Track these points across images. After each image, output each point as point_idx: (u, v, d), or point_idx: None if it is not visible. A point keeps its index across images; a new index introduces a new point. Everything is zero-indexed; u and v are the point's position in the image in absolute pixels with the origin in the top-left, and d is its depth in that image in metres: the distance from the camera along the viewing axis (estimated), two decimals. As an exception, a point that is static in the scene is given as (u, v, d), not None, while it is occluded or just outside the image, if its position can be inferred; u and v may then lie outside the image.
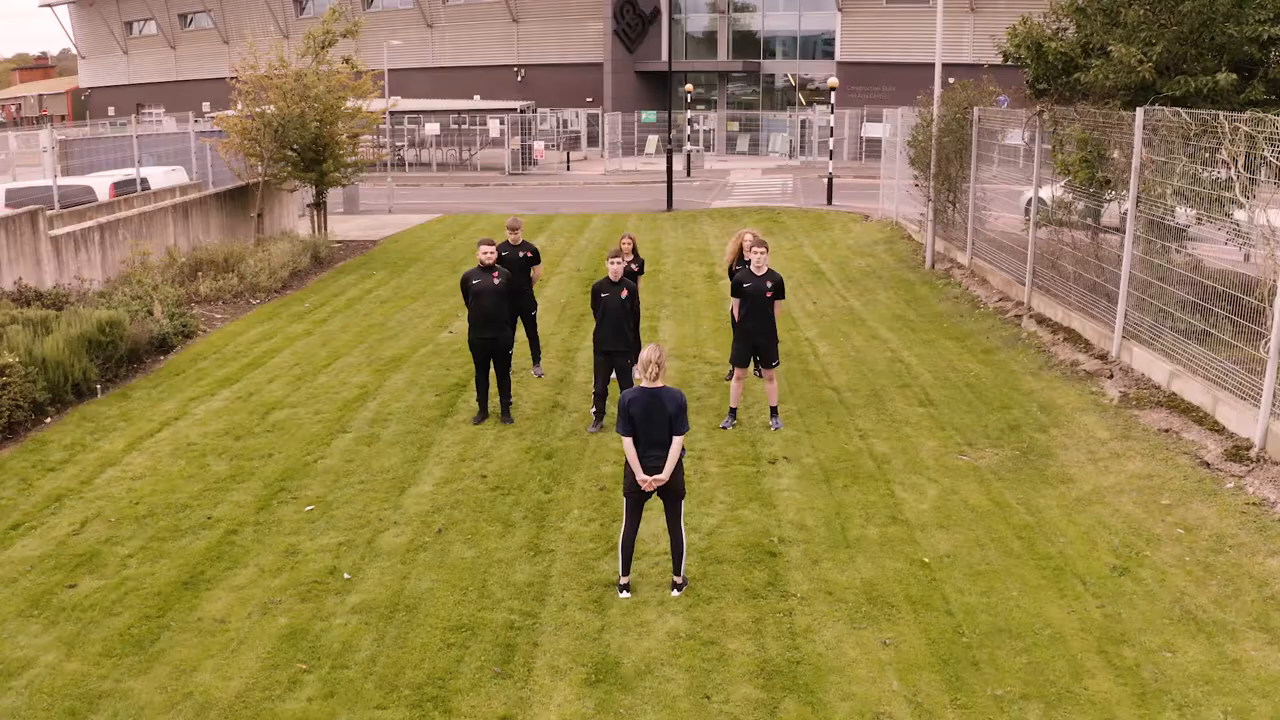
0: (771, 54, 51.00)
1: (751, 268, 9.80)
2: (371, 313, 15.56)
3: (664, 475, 6.49)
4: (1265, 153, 8.49)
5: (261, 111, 19.09)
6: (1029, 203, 14.12)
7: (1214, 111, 9.36)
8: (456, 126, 46.93)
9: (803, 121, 47.30)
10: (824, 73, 48.85)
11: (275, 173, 20.41)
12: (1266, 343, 8.39)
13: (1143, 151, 10.58)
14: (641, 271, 11.50)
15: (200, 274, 17.19)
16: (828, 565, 7.03)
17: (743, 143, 51.56)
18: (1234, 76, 10.97)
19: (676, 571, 6.74)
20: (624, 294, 9.71)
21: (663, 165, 32.67)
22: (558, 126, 50.74)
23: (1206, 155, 9.54)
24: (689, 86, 45.10)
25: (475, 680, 5.76)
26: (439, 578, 6.91)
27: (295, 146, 19.77)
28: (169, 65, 75.61)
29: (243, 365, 12.56)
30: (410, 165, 45.43)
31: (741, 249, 11.03)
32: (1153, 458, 8.84)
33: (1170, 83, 11.33)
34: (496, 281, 9.85)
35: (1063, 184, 12.90)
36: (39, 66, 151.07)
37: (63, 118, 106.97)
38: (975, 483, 8.43)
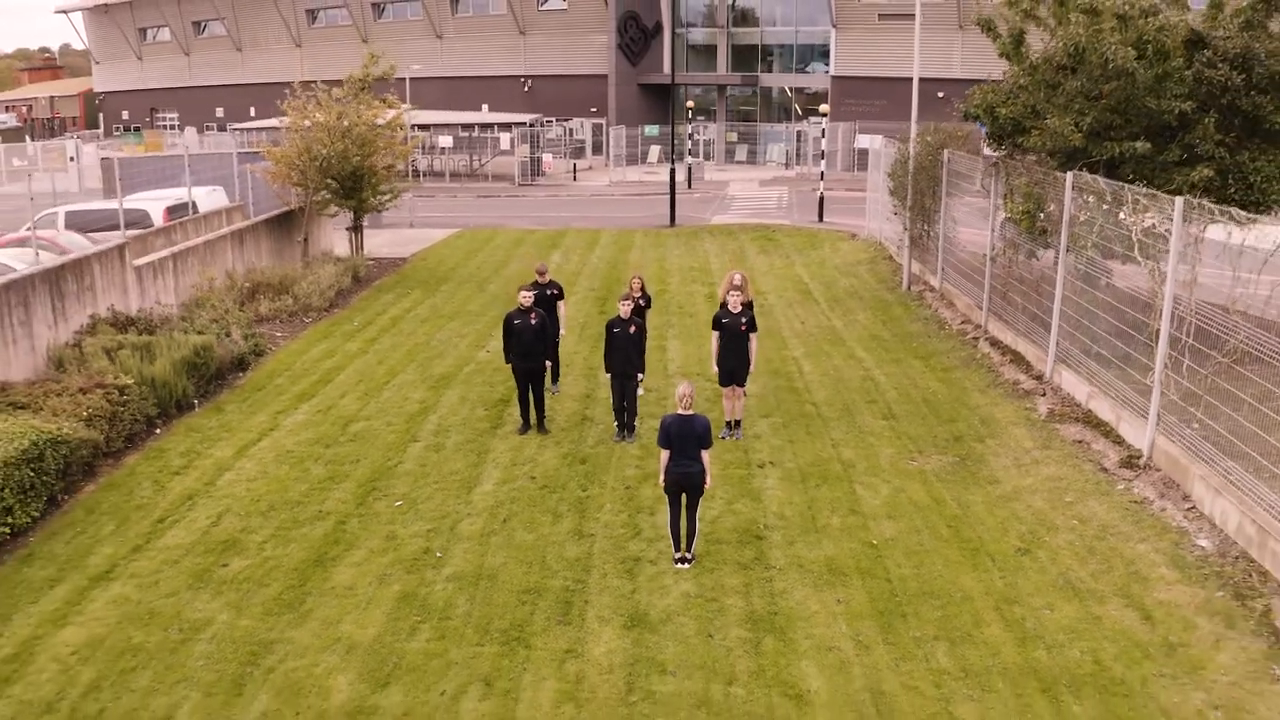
0: (769, 67, 53.13)
1: (729, 307, 11.87)
2: (415, 332, 17.77)
3: (710, 483, 8.97)
4: (1155, 221, 10.69)
5: (308, 147, 21.18)
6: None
7: (1122, 184, 11.57)
8: (467, 135, 49.13)
9: (799, 132, 49.49)
10: (819, 85, 51.09)
11: (318, 200, 22.59)
12: (1152, 374, 10.61)
13: (1071, 208, 12.79)
14: (649, 306, 13.71)
15: (259, 295, 19.41)
16: (800, 546, 9.28)
17: (741, 152, 53.79)
18: (1149, 145, 13.17)
19: (689, 549, 8.98)
20: (632, 329, 11.89)
21: (664, 175, 34.81)
22: (565, 135, 52.85)
23: (1117, 216, 11.75)
24: (690, 103, 47.30)
25: (544, 626, 8.01)
26: (509, 555, 9.16)
27: (336, 177, 21.93)
28: (182, 71, 77.25)
29: (314, 382, 14.79)
30: (424, 175, 47.54)
31: (731, 284, 13.08)
32: (1064, 464, 11.08)
33: (1099, 147, 13.54)
34: (534, 322, 12.02)
35: (1001, 224, 15.12)
36: (47, 67, 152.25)
37: (74, 120, 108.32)
38: (920, 483, 10.67)
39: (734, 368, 11.90)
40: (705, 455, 8.88)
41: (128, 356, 13.65)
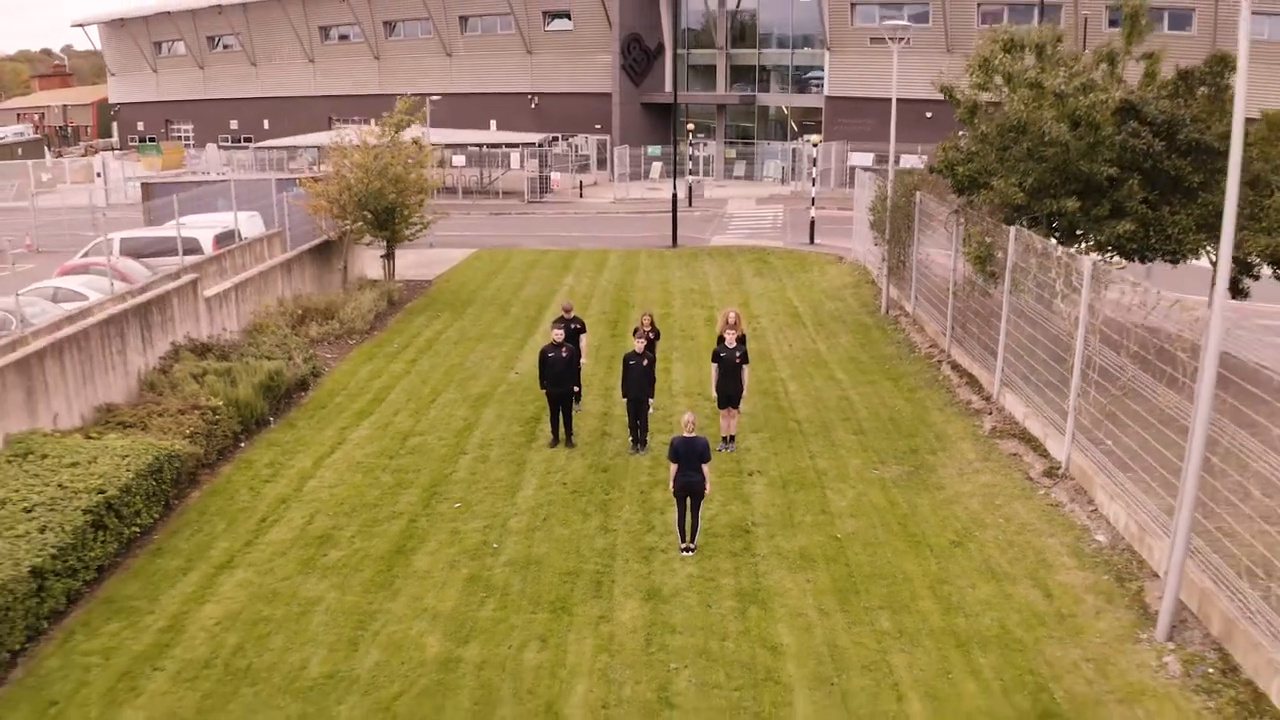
0: (766, 87, 55.54)
1: (726, 342, 14.24)
2: (450, 354, 20.18)
3: (709, 489, 11.32)
4: (1073, 278, 13.10)
5: (349, 186, 23.56)
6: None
7: (1052, 243, 13.98)
8: (477, 149, 51.56)
9: (794, 150, 51.91)
10: (814, 104, 53.47)
11: (355, 231, 24.98)
12: (1066, 397, 13.02)
13: (1014, 256, 15.20)
14: (658, 337, 16.10)
15: (308, 320, 21.80)
16: (779, 538, 11.69)
17: (739, 168, 56.22)
18: (1079, 203, 15.60)
19: (692, 540, 11.40)
20: (645, 362, 14.30)
21: (666, 192, 37.16)
22: (571, 152, 55.24)
23: (1046, 267, 14.16)
24: (691, 125, 49.72)
25: (582, 599, 10.42)
26: (550, 546, 11.58)
27: (373, 211, 24.32)
28: (197, 84, 79.27)
29: (369, 400, 17.20)
30: (438, 191, 49.89)
31: (726, 322, 15.30)
32: (999, 473, 13.50)
33: (1040, 204, 15.96)
34: (564, 354, 14.41)
35: (961, 263, 17.53)
36: (57, 74, 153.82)
37: (87, 129, 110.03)
38: (879, 489, 13.09)
39: (730, 393, 14.31)
40: (705, 467, 11.29)
41: (214, 381, 16.08)
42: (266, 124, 74.89)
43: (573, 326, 15.85)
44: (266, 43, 72.89)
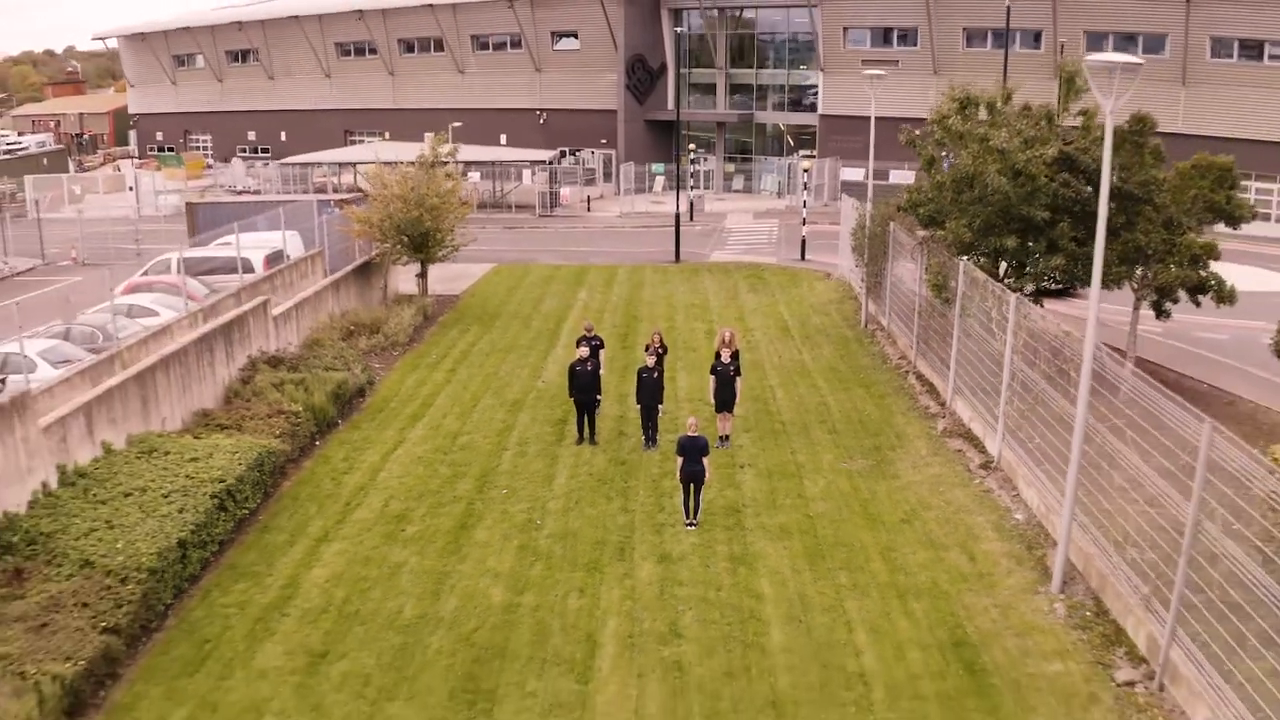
0: (764, 105, 58.50)
1: (722, 358, 17.24)
2: (483, 364, 23.18)
3: (709, 478, 14.28)
4: (995, 310, 16.08)
5: (390, 215, 26.54)
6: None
7: (988, 277, 16.98)
8: (492, 166, 54.55)
9: (789, 165, 54.89)
10: (809, 122, 56.40)
11: (394, 253, 27.98)
12: (998, 404, 16.02)
13: (962, 286, 18.19)
14: (666, 352, 19.09)
15: (355, 334, 24.80)
16: (763, 517, 14.71)
17: (738, 181, 59.24)
18: (1019, 240, 18.60)
19: (694, 518, 14.41)
20: (656, 375, 17.30)
21: (669, 205, 40.09)
22: (579, 165, 58.22)
23: (985, 297, 17.16)
24: (692, 146, 52.70)
25: (609, 562, 13.44)
26: (582, 522, 14.60)
27: (410, 236, 27.31)
28: (215, 96, 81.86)
29: (419, 405, 20.22)
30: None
31: (722, 341, 18.19)
32: (945, 466, 16.52)
33: (986, 241, 18.97)
34: (589, 368, 17.42)
35: (924, 288, 20.53)
36: (70, 81, 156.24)
37: (104, 137, 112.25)
38: (846, 479, 16.10)
39: (726, 400, 17.32)
40: (705, 460, 14.29)
41: (292, 390, 19.11)
42: (283, 136, 77.69)
43: (594, 344, 18.84)
44: (284, 58, 75.48)
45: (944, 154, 20.27)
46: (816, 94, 55.47)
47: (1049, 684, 10.92)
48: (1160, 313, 20.21)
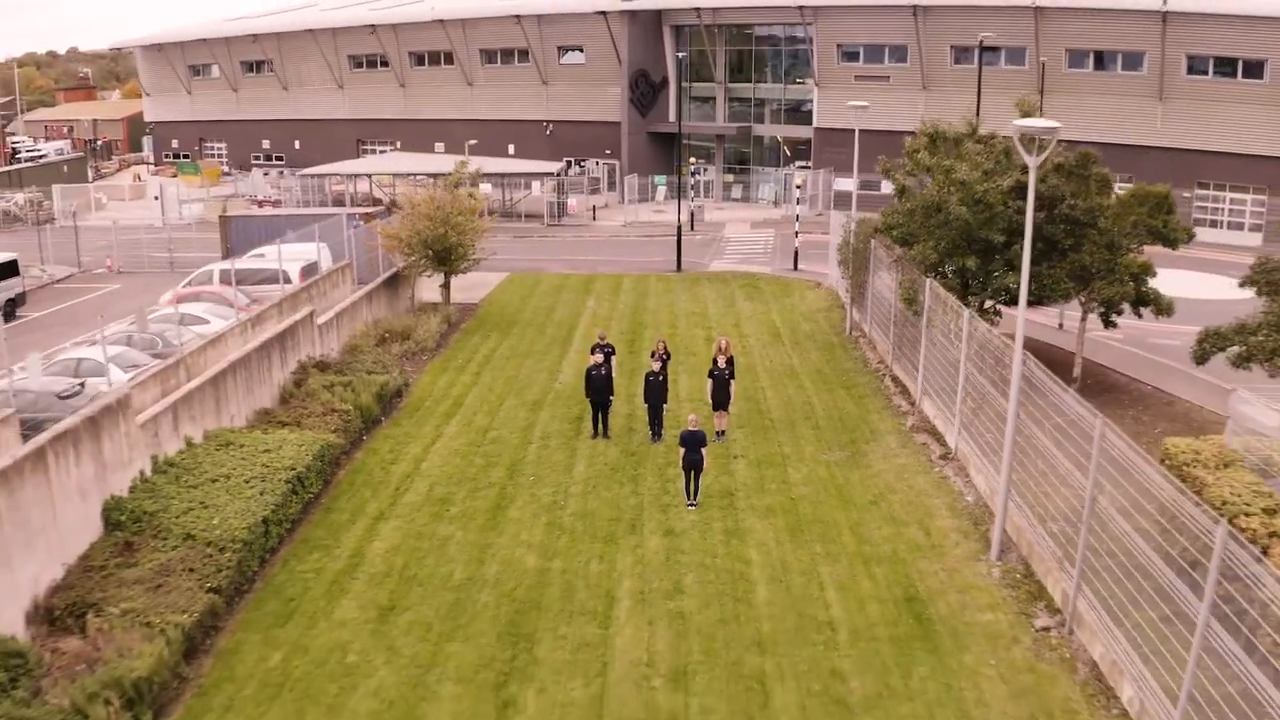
0: (761, 118, 61.11)
1: (718, 363, 19.87)
2: (504, 368, 25.79)
3: (707, 465, 16.89)
4: (953, 323, 18.68)
5: (418, 231, 29.16)
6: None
7: (948, 295, 19.60)
8: (502, 178, 57.13)
9: (785, 176, 57.49)
10: (804, 134, 58.98)
11: (420, 265, 30.59)
12: (955, 403, 18.64)
13: (929, 301, 20.79)
14: (669, 358, 21.69)
15: (388, 341, 27.38)
16: (753, 499, 17.34)
17: (737, 190, 61.87)
18: (978, 260, 21.20)
19: (694, 499, 17.04)
20: (661, 378, 19.92)
21: (671, 214, 42.53)
22: (584, 175, 60.79)
23: (946, 311, 19.77)
24: (693, 159, 55.31)
25: (623, 535, 16.08)
26: (599, 503, 17.23)
27: (435, 250, 29.92)
28: (230, 105, 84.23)
29: (451, 404, 22.84)
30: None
31: (718, 348, 20.79)
32: (911, 457, 19.14)
33: (949, 261, 21.58)
34: (603, 372, 20.03)
35: (898, 300, 23.12)
36: (81, 87, 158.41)
37: (118, 143, 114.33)
38: (825, 468, 18.73)
39: (721, 400, 19.96)
40: (704, 451, 16.92)
41: (341, 391, 21.73)
42: (297, 144, 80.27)
43: (606, 351, 21.44)
44: (298, 69, 77.88)
45: (915, 182, 22.89)
46: (812, 107, 58.05)
47: (981, 630, 13.54)
48: (1108, 323, 22.80)
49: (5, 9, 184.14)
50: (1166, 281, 23.22)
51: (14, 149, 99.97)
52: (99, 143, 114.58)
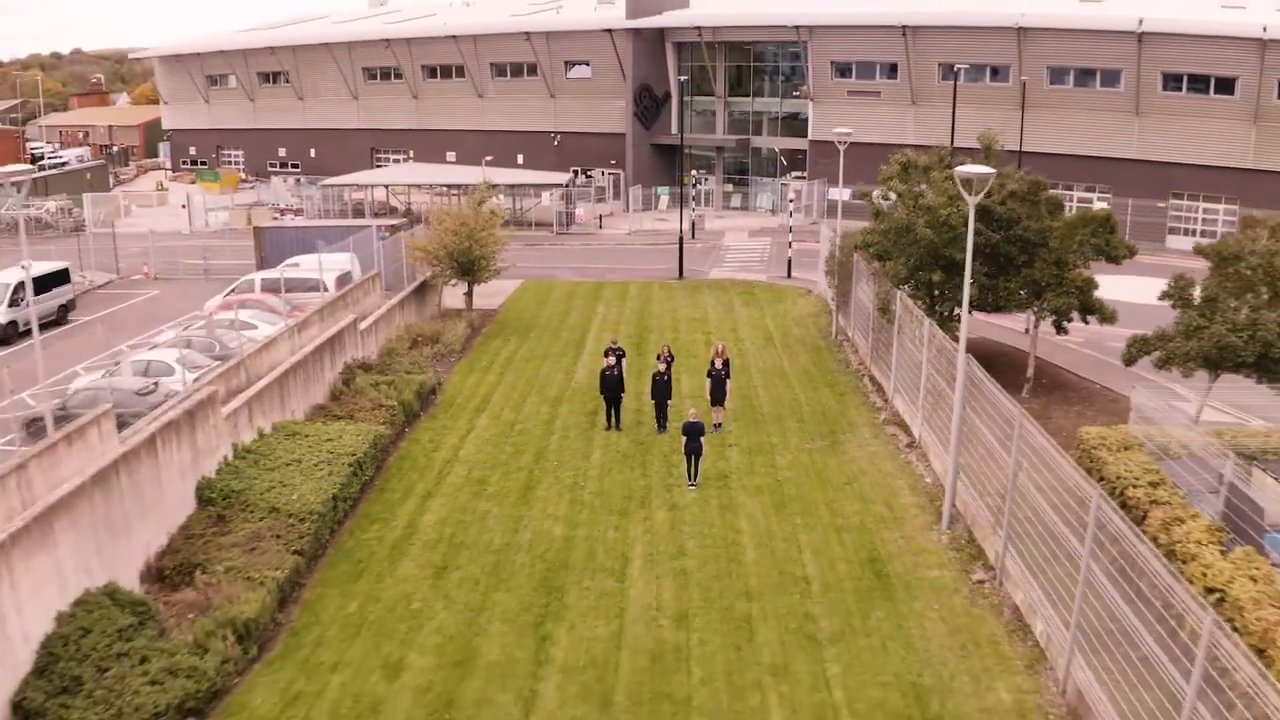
0: (759, 131, 64.19)
1: (715, 364, 22.93)
2: (525, 368, 28.85)
3: (705, 452, 20.04)
4: (918, 330, 21.72)
5: (444, 245, 32.23)
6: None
7: (914, 306, 22.64)
8: (513, 188, 60.18)
9: (782, 185, 60.53)
10: (800, 146, 62.01)
11: (445, 274, 33.67)
12: (919, 399, 21.70)
13: (899, 310, 23.84)
14: (673, 360, 24.73)
15: (419, 344, 30.43)
16: (745, 480, 20.42)
17: (736, 199, 64.94)
18: (943, 275, 24.24)
19: (694, 480, 20.13)
20: (665, 378, 22.98)
21: (673, 222, 45.43)
22: (590, 185, 63.86)
23: (912, 320, 22.82)
24: (694, 172, 58.39)
25: (635, 509, 19.17)
26: (613, 484, 20.33)
27: (460, 262, 32.99)
28: (248, 114, 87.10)
29: (480, 401, 25.90)
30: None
31: (716, 352, 23.84)
32: (881, 445, 22.21)
33: (918, 275, 24.63)
34: (615, 373, 23.09)
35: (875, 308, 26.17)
36: (94, 92, 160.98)
37: (134, 149, 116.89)
38: (807, 455, 21.80)
39: (718, 397, 23.02)
40: (703, 440, 19.99)
41: (386, 389, 24.80)
42: (313, 152, 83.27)
43: (618, 354, 24.49)
44: (314, 80, 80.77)
45: (890, 205, 25.95)
46: (807, 121, 61.08)
47: (929, 583, 16.59)
48: (1059, 329, 25.82)
49: (4, 9, 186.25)
50: (1136, 288, 26.15)
51: (34, 155, 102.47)
52: (115, 148, 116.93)
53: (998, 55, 54.39)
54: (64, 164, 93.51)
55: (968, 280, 17.52)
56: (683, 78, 62.10)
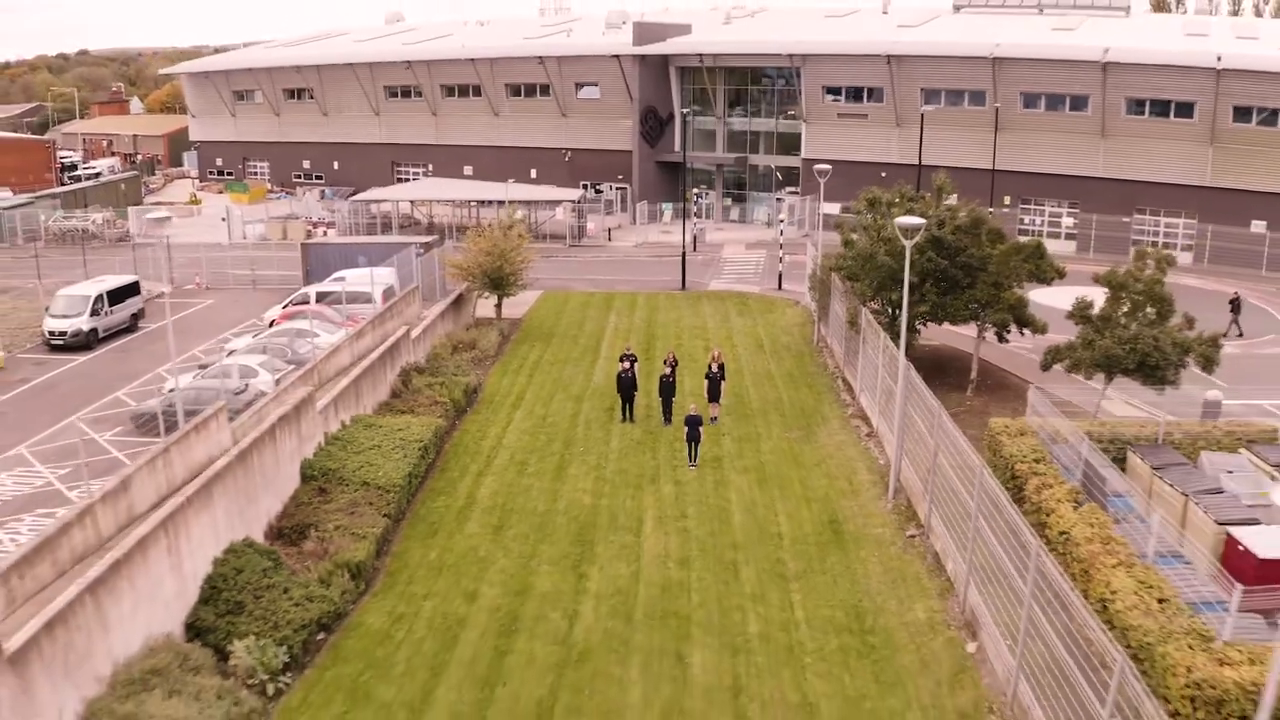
0: (756, 149, 69.28)
1: (712, 368, 28.02)
2: (550, 371, 33.94)
3: (702, 439, 25.22)
4: (877, 340, 26.79)
5: (479, 263, 37.33)
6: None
7: (874, 321, 27.72)
8: (528, 204, 65.19)
9: (778, 200, 65.57)
10: (793, 164, 67.04)
11: (478, 289, 38.76)
12: (876, 397, 26.76)
13: (864, 323, 28.88)
14: (677, 364, 29.79)
15: (459, 350, 35.49)
16: (735, 462, 25.54)
17: (735, 212, 70.02)
18: (901, 295, 29.25)
19: (695, 462, 25.26)
20: (671, 380, 28.08)
21: (677, 235, 50.41)
22: (600, 199, 68.95)
23: (874, 332, 27.88)
24: (696, 190, 63.47)
25: (648, 484, 24.29)
26: (629, 465, 25.44)
27: (491, 278, 38.08)
28: (273, 128, 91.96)
29: (515, 399, 31.00)
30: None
31: (712, 358, 28.98)
32: (847, 435, 27.32)
33: (881, 294, 29.69)
34: (630, 375, 28.18)
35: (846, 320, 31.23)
36: (114, 101, 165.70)
37: (159, 159, 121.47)
38: (786, 442, 26.91)
39: (714, 395, 28.12)
40: (701, 429, 25.10)
41: (439, 388, 29.90)
42: (336, 165, 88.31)
43: (631, 359, 29.54)
44: (337, 97, 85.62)
45: (854, 236, 31.05)
46: (800, 140, 66.14)
47: (873, 538, 21.66)
48: (1001, 339, 30.83)
49: (5, 8, 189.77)
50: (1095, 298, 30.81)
51: (65, 165, 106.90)
52: (139, 157, 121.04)
53: (974, 82, 59.29)
54: (97, 175, 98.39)
55: (905, 304, 22.57)
56: (685, 111, 67.13)
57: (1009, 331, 30.67)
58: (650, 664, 17.09)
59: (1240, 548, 17.83)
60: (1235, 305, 38.14)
